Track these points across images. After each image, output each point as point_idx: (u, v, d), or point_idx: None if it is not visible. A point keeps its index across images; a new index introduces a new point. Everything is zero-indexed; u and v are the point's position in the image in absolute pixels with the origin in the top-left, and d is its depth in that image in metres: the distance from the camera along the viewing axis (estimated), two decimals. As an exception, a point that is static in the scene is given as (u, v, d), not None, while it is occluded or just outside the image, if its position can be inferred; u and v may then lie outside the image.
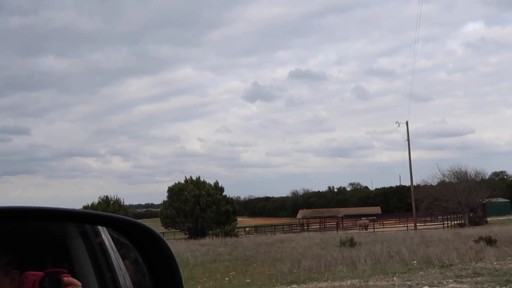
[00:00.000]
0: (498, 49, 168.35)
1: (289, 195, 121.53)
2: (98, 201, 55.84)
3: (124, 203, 56.62)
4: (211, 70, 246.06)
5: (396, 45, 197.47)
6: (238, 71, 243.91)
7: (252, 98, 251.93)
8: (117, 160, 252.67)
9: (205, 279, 15.60)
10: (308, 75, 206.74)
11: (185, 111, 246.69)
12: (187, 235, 50.85)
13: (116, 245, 1.56)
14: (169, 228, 52.12)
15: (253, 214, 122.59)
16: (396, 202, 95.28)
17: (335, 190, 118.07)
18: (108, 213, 1.57)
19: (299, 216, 74.21)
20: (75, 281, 1.18)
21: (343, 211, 75.33)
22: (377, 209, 76.09)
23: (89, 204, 56.47)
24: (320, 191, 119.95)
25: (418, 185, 62.11)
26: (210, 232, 49.24)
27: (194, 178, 53.20)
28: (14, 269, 1.18)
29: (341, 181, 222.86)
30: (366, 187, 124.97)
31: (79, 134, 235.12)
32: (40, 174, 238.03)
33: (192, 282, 15.10)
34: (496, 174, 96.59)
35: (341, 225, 66.60)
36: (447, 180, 56.45)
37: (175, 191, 51.83)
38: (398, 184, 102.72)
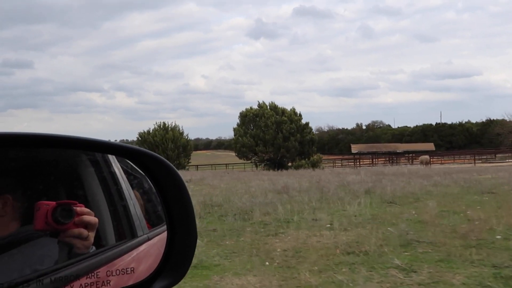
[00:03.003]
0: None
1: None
2: (155, 127, 49.41)
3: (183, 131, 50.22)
4: (215, 5, 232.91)
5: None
6: (242, 7, 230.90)
7: (256, 35, 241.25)
8: (121, 95, 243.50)
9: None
10: (312, 12, 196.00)
11: (189, 47, 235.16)
12: (264, 167, 45.05)
13: (126, 175, 1.54)
14: (243, 158, 46.08)
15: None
16: (436, 139, 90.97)
17: (364, 127, 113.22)
18: (119, 143, 1.53)
19: (353, 151, 69.18)
20: (88, 210, 1.18)
21: (401, 146, 70.37)
22: (430, 146, 71.50)
23: (145, 131, 50.13)
24: (346, 128, 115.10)
25: (503, 119, 57.11)
26: (292, 163, 43.54)
27: (267, 103, 46.67)
28: (7, 193, 1.14)
29: (347, 121, 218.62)
30: (389, 125, 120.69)
31: (82, 68, 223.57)
32: (44, 109, 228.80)
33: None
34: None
35: (395, 161, 62.17)
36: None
37: (249, 117, 45.30)
38: (438, 122, 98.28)
